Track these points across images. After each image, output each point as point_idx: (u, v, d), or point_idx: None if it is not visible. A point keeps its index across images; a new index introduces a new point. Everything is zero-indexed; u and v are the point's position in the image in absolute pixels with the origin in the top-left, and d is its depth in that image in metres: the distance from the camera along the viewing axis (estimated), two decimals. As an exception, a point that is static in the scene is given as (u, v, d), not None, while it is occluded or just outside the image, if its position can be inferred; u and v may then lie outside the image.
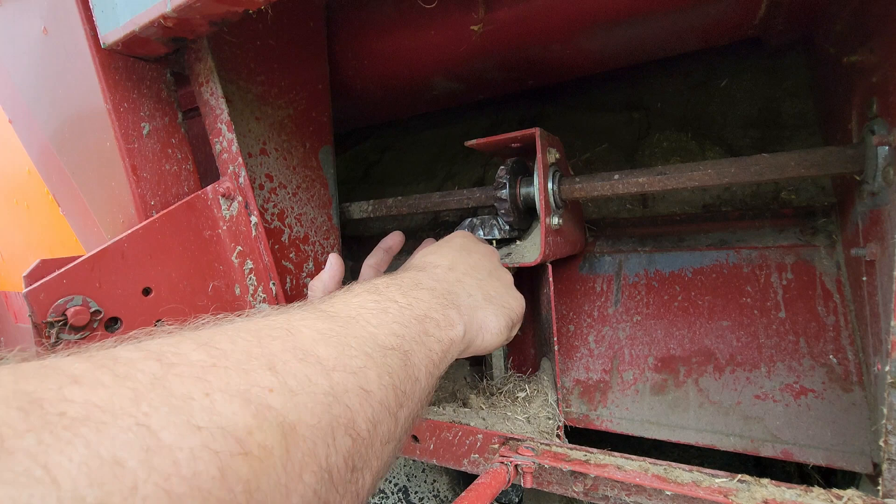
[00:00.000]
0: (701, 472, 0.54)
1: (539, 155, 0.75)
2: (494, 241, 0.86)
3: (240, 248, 0.78)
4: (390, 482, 1.48)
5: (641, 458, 0.58)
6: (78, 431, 0.23)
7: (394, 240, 0.90)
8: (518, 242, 0.85)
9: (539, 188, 0.75)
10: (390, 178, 1.40)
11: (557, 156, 0.80)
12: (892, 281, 0.52)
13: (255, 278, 0.78)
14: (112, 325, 0.64)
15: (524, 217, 0.86)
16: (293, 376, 0.34)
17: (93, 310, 0.61)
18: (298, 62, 0.90)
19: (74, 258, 0.61)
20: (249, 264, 0.78)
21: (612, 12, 0.78)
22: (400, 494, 1.46)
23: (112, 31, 0.66)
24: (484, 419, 0.73)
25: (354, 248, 1.36)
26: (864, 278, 0.64)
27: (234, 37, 0.77)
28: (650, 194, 0.96)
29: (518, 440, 0.66)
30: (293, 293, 0.88)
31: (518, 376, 0.84)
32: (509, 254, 0.81)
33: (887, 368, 0.50)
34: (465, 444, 0.70)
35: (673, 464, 0.56)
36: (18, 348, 0.33)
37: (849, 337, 0.73)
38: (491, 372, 0.87)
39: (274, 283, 0.78)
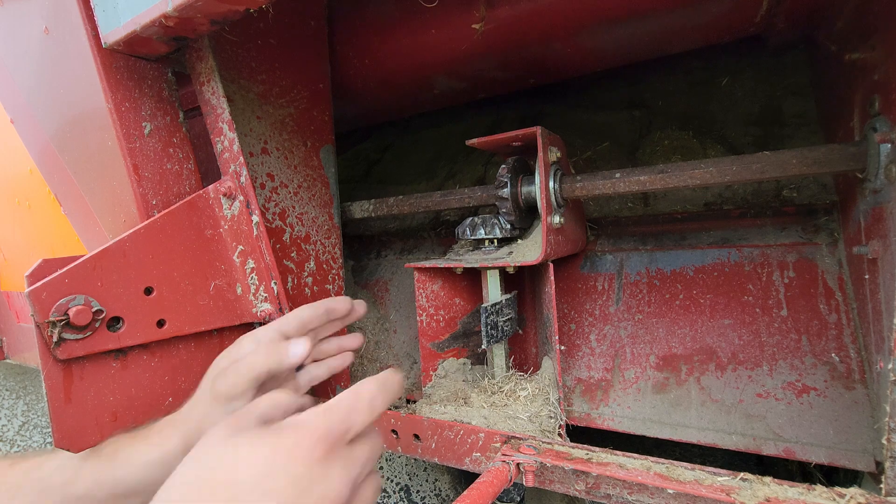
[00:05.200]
0: (703, 471, 0.54)
1: (540, 154, 0.74)
2: (496, 240, 0.86)
3: (241, 247, 0.78)
4: (392, 481, 1.48)
5: (643, 457, 0.58)
6: None
7: (341, 306, 0.72)
8: (519, 241, 0.85)
9: (540, 187, 0.75)
10: (391, 177, 1.40)
11: (559, 154, 0.80)
12: (894, 279, 0.52)
13: (256, 278, 0.79)
14: (114, 324, 0.64)
15: (525, 216, 0.86)
16: None
17: (95, 309, 0.61)
18: (299, 61, 0.90)
19: (76, 258, 0.61)
20: (251, 263, 0.78)
21: (613, 10, 0.77)
22: (402, 493, 1.46)
23: (113, 30, 0.66)
24: (486, 418, 0.73)
25: (356, 247, 1.36)
26: (867, 276, 0.64)
27: (236, 36, 0.77)
28: (651, 193, 0.96)
29: (520, 439, 0.66)
30: (294, 292, 0.89)
31: (520, 375, 0.84)
32: (511, 252, 0.81)
33: (890, 366, 0.50)
34: (466, 442, 0.70)
35: (675, 462, 0.56)
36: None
37: (851, 335, 0.73)
38: (493, 371, 0.87)
39: (275, 283, 0.78)
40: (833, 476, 0.96)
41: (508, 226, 0.84)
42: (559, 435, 0.75)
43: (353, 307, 0.74)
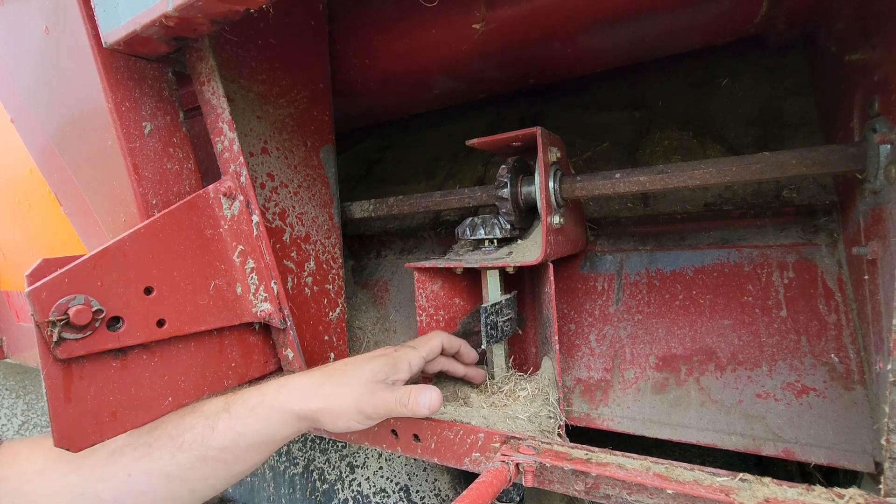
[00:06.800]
0: (702, 471, 0.54)
1: (540, 154, 0.75)
2: (496, 241, 0.86)
3: (241, 247, 0.78)
4: (392, 481, 1.48)
5: (643, 457, 0.58)
6: None
7: (469, 354, 0.87)
8: (519, 241, 0.85)
9: (540, 187, 0.75)
10: (391, 177, 1.40)
11: (558, 154, 0.80)
12: (893, 279, 0.52)
13: (256, 277, 0.79)
14: (114, 324, 0.64)
15: (525, 216, 0.86)
16: None
17: (94, 309, 0.61)
18: (300, 61, 0.90)
19: (76, 257, 0.61)
20: (251, 263, 0.78)
21: (613, 10, 0.77)
22: (401, 493, 1.46)
23: (113, 30, 0.66)
24: (485, 418, 0.73)
25: (356, 246, 1.36)
26: (866, 277, 0.64)
27: (236, 36, 0.77)
28: (651, 193, 0.96)
29: (519, 439, 0.66)
30: (294, 292, 0.89)
31: (519, 375, 0.84)
32: (510, 253, 0.81)
33: (889, 367, 0.50)
34: (466, 442, 0.70)
35: (674, 462, 0.56)
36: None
37: (850, 335, 0.73)
38: (492, 371, 0.87)
39: (275, 283, 0.78)
40: (832, 477, 0.96)
41: (508, 226, 0.84)
42: (559, 435, 0.75)
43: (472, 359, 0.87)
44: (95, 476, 0.66)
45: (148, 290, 0.67)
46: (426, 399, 0.67)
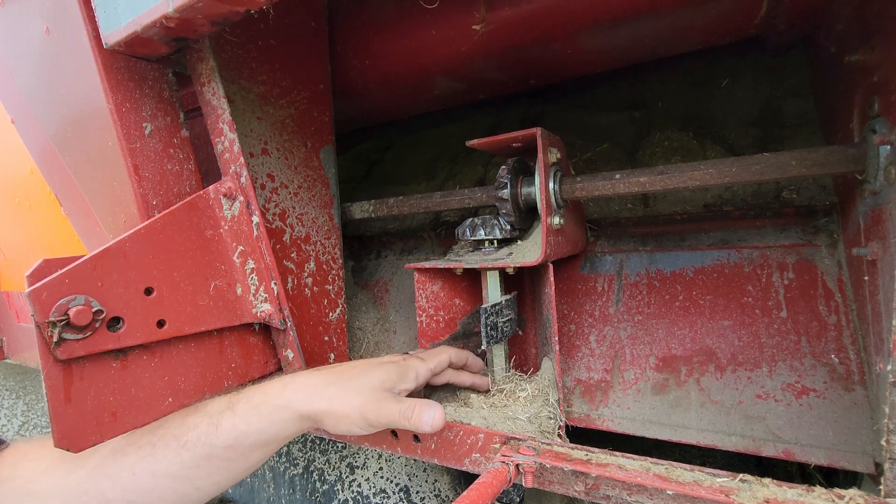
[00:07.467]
0: (702, 472, 0.54)
1: (540, 155, 0.75)
2: (496, 241, 0.86)
3: (241, 247, 0.78)
4: (391, 482, 1.48)
5: (643, 458, 0.58)
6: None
7: (476, 364, 0.89)
8: (519, 242, 0.85)
9: (540, 188, 0.75)
10: (392, 178, 1.40)
11: (559, 155, 0.80)
12: (893, 280, 0.52)
13: (256, 278, 0.79)
14: (114, 324, 0.64)
15: (525, 217, 0.86)
16: None
17: (95, 309, 0.61)
18: (300, 62, 0.90)
19: (77, 258, 0.62)
20: (251, 264, 0.78)
21: (613, 11, 0.77)
22: (401, 494, 1.46)
23: (114, 31, 0.66)
24: (485, 419, 0.73)
25: (356, 247, 1.36)
26: (866, 277, 0.64)
27: (236, 36, 0.78)
28: (651, 194, 0.96)
29: (519, 440, 0.66)
30: (294, 293, 0.89)
31: (519, 376, 0.84)
32: (510, 253, 0.81)
33: (889, 367, 0.50)
34: (466, 443, 0.70)
35: (674, 463, 0.56)
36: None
37: (850, 336, 0.73)
38: (492, 372, 0.87)
39: (275, 283, 0.78)
40: (832, 477, 0.96)
41: (508, 227, 0.84)
42: (558, 436, 0.75)
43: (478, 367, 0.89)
44: (99, 474, 0.67)
45: (148, 291, 0.68)
46: (429, 416, 0.67)
